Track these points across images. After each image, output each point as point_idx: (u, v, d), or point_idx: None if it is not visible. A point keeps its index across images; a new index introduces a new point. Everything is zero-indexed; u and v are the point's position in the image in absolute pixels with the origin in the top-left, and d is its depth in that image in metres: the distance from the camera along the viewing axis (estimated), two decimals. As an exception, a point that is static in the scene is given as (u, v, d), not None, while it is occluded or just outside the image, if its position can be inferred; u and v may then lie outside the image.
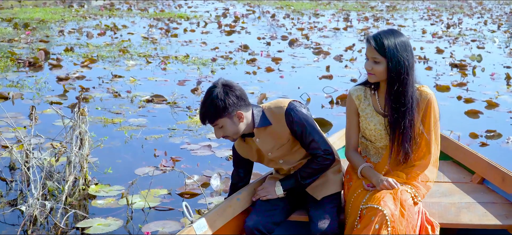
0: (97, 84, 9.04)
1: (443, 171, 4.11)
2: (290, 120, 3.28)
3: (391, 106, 3.22)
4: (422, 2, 31.88)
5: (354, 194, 3.26)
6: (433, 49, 13.68)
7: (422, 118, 3.27)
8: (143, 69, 10.43)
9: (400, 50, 3.13)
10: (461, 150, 4.26)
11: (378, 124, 3.35)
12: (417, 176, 3.30)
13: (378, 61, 3.17)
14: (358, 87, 3.44)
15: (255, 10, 24.27)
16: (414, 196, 3.19)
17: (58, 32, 15.34)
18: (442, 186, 3.88)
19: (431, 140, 3.29)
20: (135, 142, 6.30)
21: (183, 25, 17.87)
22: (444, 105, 8.17)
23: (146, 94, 8.33)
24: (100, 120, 7.05)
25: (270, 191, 3.41)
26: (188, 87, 8.91)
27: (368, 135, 3.41)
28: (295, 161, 3.44)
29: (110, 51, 12.36)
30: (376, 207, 3.01)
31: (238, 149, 3.50)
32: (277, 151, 3.37)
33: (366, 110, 3.38)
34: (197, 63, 11.12)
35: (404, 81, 3.15)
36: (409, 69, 3.16)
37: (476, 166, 4.04)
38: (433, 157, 3.33)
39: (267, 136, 3.33)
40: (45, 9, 21.93)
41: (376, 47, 3.16)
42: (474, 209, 3.52)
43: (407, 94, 3.17)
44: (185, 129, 6.74)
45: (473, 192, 3.79)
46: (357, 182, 3.33)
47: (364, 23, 19.92)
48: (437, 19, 21.84)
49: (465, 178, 4.05)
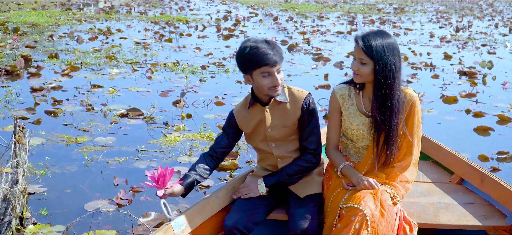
0: (72, 96, 8.30)
1: (422, 171, 4.13)
2: (307, 105, 3.33)
3: (378, 108, 3.19)
4: (431, 4, 31.06)
5: (333, 193, 3.25)
6: (441, 54, 12.88)
7: (405, 120, 3.25)
8: (127, 78, 9.68)
9: (388, 53, 3.12)
10: (441, 150, 4.27)
11: (361, 124, 3.33)
12: (397, 176, 3.29)
13: (364, 62, 3.16)
14: (343, 85, 3.42)
15: (257, 12, 23.50)
16: (394, 197, 3.17)
17: (48, 37, 14.61)
18: (421, 186, 3.89)
19: (414, 142, 3.28)
20: (95, 166, 5.54)
21: (180, 29, 17.14)
22: (451, 120, 7.40)
23: (122, 108, 7.59)
24: (63, 140, 6.28)
25: (253, 189, 3.39)
26: (170, 99, 8.16)
27: (350, 134, 3.39)
28: (285, 151, 3.41)
29: (97, 57, 11.63)
30: (356, 207, 2.99)
31: (237, 115, 3.44)
32: (278, 131, 3.36)
33: (349, 110, 3.37)
34: (186, 71, 10.37)
35: (390, 85, 3.13)
36: (396, 72, 3.14)
37: (455, 166, 4.04)
38: (413, 159, 3.33)
39: (279, 111, 3.35)
40: (41, 13, 21.26)
41: (363, 48, 3.14)
42: (453, 210, 3.53)
43: (394, 98, 3.16)
44: (155, 151, 5.99)
45: (452, 192, 3.81)
46: (336, 181, 3.32)
47: (370, 26, 19.11)
48: (446, 22, 21.00)
49: (444, 178, 4.07)
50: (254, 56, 3.17)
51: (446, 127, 7.09)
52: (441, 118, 7.48)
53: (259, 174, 3.47)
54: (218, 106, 7.93)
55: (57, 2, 27.34)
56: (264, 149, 3.44)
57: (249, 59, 3.19)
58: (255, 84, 3.26)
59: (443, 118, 7.51)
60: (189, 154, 5.88)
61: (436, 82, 9.77)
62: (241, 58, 3.24)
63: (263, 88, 3.24)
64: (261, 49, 3.16)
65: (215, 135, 6.51)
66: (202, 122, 6.98)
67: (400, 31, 17.57)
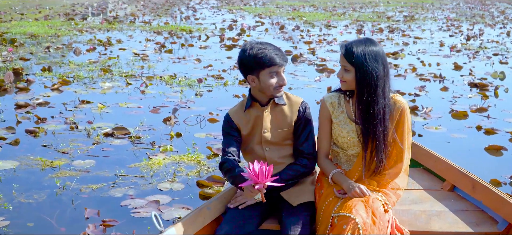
0: (58, 113, 7.83)
1: (413, 178, 4.12)
2: (303, 109, 3.41)
3: (361, 116, 3.22)
4: (442, 11, 30.49)
5: (325, 202, 3.23)
6: (451, 65, 12.33)
7: (395, 127, 3.26)
8: (119, 93, 9.20)
9: (369, 60, 3.13)
10: (432, 157, 4.24)
11: (351, 131, 3.34)
12: (388, 183, 3.29)
13: (348, 69, 3.20)
14: (333, 94, 3.44)
15: (264, 21, 23.02)
16: (385, 204, 3.17)
17: (44, 49, 14.17)
18: (413, 194, 3.88)
19: (404, 149, 3.28)
20: (66, 195, 5.05)
21: (182, 39, 16.67)
22: (460, 138, 6.87)
23: (108, 126, 7.12)
24: (37, 163, 5.80)
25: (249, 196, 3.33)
26: (161, 116, 7.68)
27: (340, 142, 3.39)
28: (277, 155, 3.43)
29: (91, 70, 11.17)
30: (348, 215, 2.98)
31: (234, 116, 3.45)
32: (274, 133, 3.40)
33: (339, 117, 3.38)
34: (183, 84, 9.88)
35: (372, 92, 3.14)
36: (379, 80, 3.14)
37: (447, 173, 4.03)
38: (404, 166, 3.32)
39: (276, 113, 3.40)
40: (43, 23, 20.87)
41: (345, 55, 3.19)
42: (445, 217, 3.53)
43: (377, 105, 3.16)
44: (135, 176, 5.50)
45: (444, 199, 3.80)
46: (328, 190, 3.31)
47: (378, 35, 18.58)
48: (457, 30, 20.42)
49: (436, 185, 4.05)
50: (264, 56, 3.26)
51: (455, 146, 6.57)
52: (449, 136, 6.96)
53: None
54: (211, 123, 7.44)
55: (61, 12, 27.00)
56: (258, 152, 3.44)
57: (258, 59, 3.26)
58: (261, 84, 3.31)
59: (452, 136, 6.98)
60: (172, 180, 5.38)
61: (445, 95, 9.24)
62: (249, 58, 3.28)
63: (269, 88, 3.30)
64: (270, 49, 3.28)
65: (204, 156, 6.02)
66: (192, 142, 6.49)
67: (409, 40, 17.04)
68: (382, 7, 34.23)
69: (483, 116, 7.90)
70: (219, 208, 3.46)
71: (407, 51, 14.61)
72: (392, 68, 11.79)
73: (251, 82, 3.36)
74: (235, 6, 34.03)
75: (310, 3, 38.20)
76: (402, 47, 15.49)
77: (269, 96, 3.37)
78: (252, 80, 3.35)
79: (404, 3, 39.69)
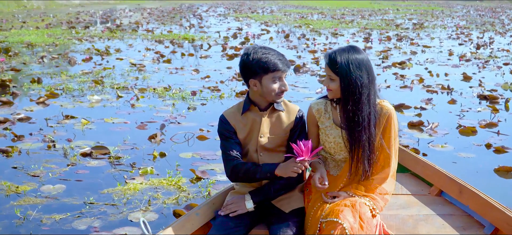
0: (38, 129, 7.33)
1: (401, 183, 4.11)
2: (300, 117, 3.42)
3: (346, 123, 3.24)
4: (452, 19, 29.90)
5: (313, 208, 3.24)
6: (459, 75, 11.77)
7: (382, 133, 3.28)
8: (108, 106, 8.71)
9: (353, 68, 3.14)
10: (419, 162, 4.23)
11: (337, 136, 3.34)
12: (376, 189, 3.28)
13: (333, 78, 3.20)
14: (319, 100, 3.45)
15: (269, 29, 22.53)
16: (373, 209, 3.18)
17: (39, 59, 13.71)
18: (400, 199, 3.88)
19: (391, 154, 3.30)
20: (25, 226, 4.54)
21: (184, 49, 16.18)
22: (468, 158, 6.32)
23: (88, 144, 6.63)
24: (1, 188, 5.29)
25: (240, 205, 3.31)
26: (147, 132, 7.17)
27: (327, 147, 3.40)
28: (271, 161, 3.37)
29: (83, 81, 10.69)
30: (335, 220, 2.98)
31: (230, 118, 3.41)
32: (269, 138, 3.38)
33: (326, 123, 3.38)
34: (176, 97, 9.37)
35: (356, 100, 3.15)
36: (363, 88, 3.14)
37: (434, 178, 4.02)
38: (391, 171, 3.33)
39: (275, 119, 3.39)
40: (43, 31, 20.45)
41: (329, 64, 3.20)
42: (432, 221, 3.54)
43: (362, 113, 3.17)
44: (106, 203, 4.98)
45: (431, 204, 3.80)
46: (316, 195, 3.32)
47: (386, 43, 18.03)
48: (466, 38, 19.83)
49: (423, 190, 4.05)
50: (268, 60, 3.22)
51: (463, 167, 6.01)
52: (456, 156, 6.41)
53: (242, 191, 3.43)
54: (200, 141, 6.93)
55: (65, 20, 26.60)
56: (252, 157, 3.40)
57: (262, 63, 3.23)
58: (263, 89, 3.27)
59: (459, 155, 6.43)
60: (145, 209, 4.86)
61: (453, 109, 8.69)
62: (252, 62, 3.24)
63: (270, 93, 3.28)
64: (273, 54, 3.26)
65: (186, 180, 5.50)
66: (176, 163, 5.98)
67: (418, 49, 16.49)
68: (392, 15, 33.70)
69: (492, 132, 7.35)
70: (208, 214, 3.45)
71: (415, 61, 14.06)
72: (398, 79, 11.26)
73: (252, 86, 3.31)
74: (242, 14, 33.56)
75: (318, 10, 37.70)
76: (409, 56, 14.95)
77: (269, 101, 3.35)
78: (254, 84, 3.30)
79: (414, 10, 39.15)
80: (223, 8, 41.51)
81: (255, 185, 3.41)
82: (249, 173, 3.30)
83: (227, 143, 3.38)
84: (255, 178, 3.31)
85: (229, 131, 3.39)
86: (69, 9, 38.79)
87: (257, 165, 3.31)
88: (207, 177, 5.56)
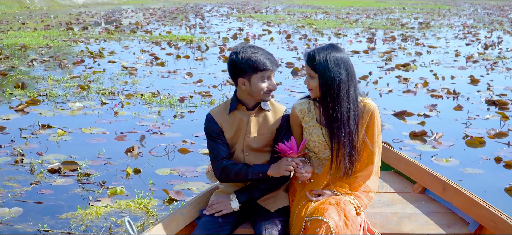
0: (10, 141, 6.77)
1: (385, 181, 4.10)
2: (286, 117, 3.40)
3: (326, 120, 3.25)
4: (459, 18, 29.23)
5: (298, 206, 3.23)
6: (466, 78, 11.17)
7: (365, 130, 3.29)
8: (89, 115, 8.14)
9: (332, 65, 3.16)
10: (402, 160, 4.21)
11: (320, 135, 3.34)
12: (360, 186, 3.28)
13: (312, 76, 3.22)
14: (302, 100, 3.45)
15: (271, 30, 21.95)
16: (357, 207, 3.18)
17: (28, 62, 13.17)
18: (384, 196, 3.87)
19: (375, 151, 3.30)
20: (-35, 263, 3.96)
21: (180, 50, 15.63)
22: (475, 174, 5.73)
23: (59, 158, 6.09)
24: (-50, 213, 4.73)
25: (226, 205, 3.29)
26: (126, 144, 6.61)
27: (312, 146, 3.40)
28: (256, 161, 3.35)
29: (68, 87, 10.14)
30: (320, 219, 2.98)
31: (217, 117, 3.34)
32: (256, 138, 3.34)
33: (309, 123, 3.38)
34: (164, 103, 8.80)
35: (335, 96, 3.16)
36: (341, 84, 3.15)
37: (417, 175, 4.00)
38: (375, 168, 3.33)
39: (261, 118, 3.36)
40: (39, 33, 19.93)
41: (308, 62, 3.23)
42: (416, 218, 3.53)
43: (341, 108, 3.18)
44: (62, 231, 4.40)
45: (415, 201, 3.79)
46: (301, 194, 3.32)
47: (390, 44, 17.44)
48: (474, 38, 19.19)
49: (406, 188, 4.03)
50: (257, 59, 3.20)
51: (469, 185, 5.34)
52: (462, 172, 5.80)
53: (227, 190, 3.39)
54: (181, 154, 6.36)
55: (65, 21, 26.10)
56: (238, 156, 3.36)
57: (251, 62, 3.20)
58: (252, 88, 3.24)
59: (465, 171, 5.83)
60: (104, 240, 4.28)
61: (459, 116, 8.08)
62: (241, 61, 3.20)
63: (259, 92, 3.24)
64: (262, 53, 3.23)
65: (157, 203, 4.93)
66: (150, 181, 5.40)
67: (423, 49, 15.89)
68: (397, 14, 33.07)
69: (502, 143, 6.76)
70: (193, 213, 3.42)
71: (420, 62, 13.47)
72: (402, 82, 10.67)
73: (241, 85, 3.27)
74: (245, 14, 33.00)
75: (323, 10, 37.11)
76: (414, 57, 14.36)
77: (257, 100, 3.32)
78: (243, 83, 3.26)
79: (420, 9, 38.50)
80: (226, 8, 40.94)
81: (240, 185, 3.39)
82: (241, 174, 3.27)
83: (215, 143, 3.33)
84: (246, 179, 3.28)
85: (216, 131, 3.33)
86: (72, 10, 38.32)
87: (248, 166, 3.28)
88: (182, 199, 4.98)
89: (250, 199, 3.34)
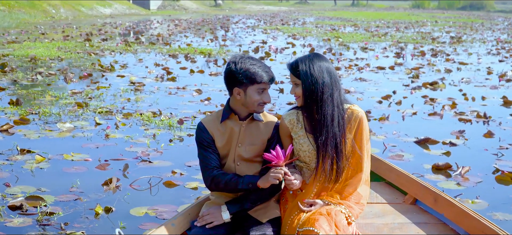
0: (-18, 167, 6.04)
1: (376, 192, 4.09)
2: (278, 127, 3.43)
3: (310, 124, 3.28)
4: (492, 32, 28.12)
5: (290, 217, 3.25)
6: (499, 99, 10.23)
7: (353, 136, 3.32)
8: (78, 137, 7.40)
9: (314, 71, 3.19)
10: (393, 171, 4.21)
11: (310, 144, 3.36)
12: (350, 194, 3.31)
13: (297, 83, 3.26)
14: (291, 111, 3.47)
15: (295, 43, 21.13)
16: (348, 216, 3.21)
17: (33, 75, 12.50)
18: (375, 207, 3.86)
19: (363, 158, 3.33)
20: None
21: (196, 64, 14.89)
22: (506, 220, 4.86)
23: (28, 190, 5.37)
24: None
25: (217, 216, 3.29)
26: (107, 174, 5.84)
27: (302, 156, 3.41)
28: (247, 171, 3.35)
29: (65, 104, 9.43)
30: (311, 229, 3.00)
31: (209, 125, 3.37)
32: (247, 148, 3.36)
33: (298, 133, 3.40)
34: (163, 125, 8.03)
35: (318, 99, 3.19)
36: (324, 87, 3.19)
37: (409, 187, 4.00)
38: (364, 175, 3.35)
39: (253, 128, 3.39)
40: (55, 44, 19.34)
41: (291, 70, 3.28)
42: (407, 230, 3.53)
43: (324, 111, 3.20)
44: None
45: (406, 212, 3.79)
46: (292, 204, 3.34)
47: (419, 59, 16.51)
48: (507, 54, 18.15)
49: (398, 198, 4.02)
50: (255, 71, 3.22)
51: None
52: (491, 218, 4.89)
53: (218, 201, 3.37)
54: (167, 188, 5.58)
55: (86, 31, 25.56)
56: (229, 166, 3.37)
57: (249, 73, 3.21)
58: (247, 99, 3.27)
59: (494, 217, 4.93)
60: None
61: (489, 144, 7.17)
62: (239, 71, 3.22)
63: (253, 104, 3.28)
64: (259, 65, 3.26)
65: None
66: (120, 224, 4.61)
67: (453, 66, 14.95)
68: (429, 27, 32.06)
69: (540, 182, 5.84)
70: (184, 224, 3.40)
71: (449, 80, 12.54)
72: (427, 103, 9.79)
73: (236, 94, 3.29)
74: (271, 26, 32.24)
75: (352, 22, 36.23)
76: (443, 75, 13.45)
77: (250, 111, 3.34)
78: (238, 93, 3.28)
79: (452, 22, 37.41)
80: (254, 20, 40.25)
81: (231, 196, 3.38)
82: (231, 184, 3.28)
83: (206, 152, 3.35)
84: (236, 189, 3.29)
85: (207, 139, 3.34)
86: (97, 20, 37.86)
87: (238, 176, 3.28)
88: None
89: (241, 210, 3.32)
